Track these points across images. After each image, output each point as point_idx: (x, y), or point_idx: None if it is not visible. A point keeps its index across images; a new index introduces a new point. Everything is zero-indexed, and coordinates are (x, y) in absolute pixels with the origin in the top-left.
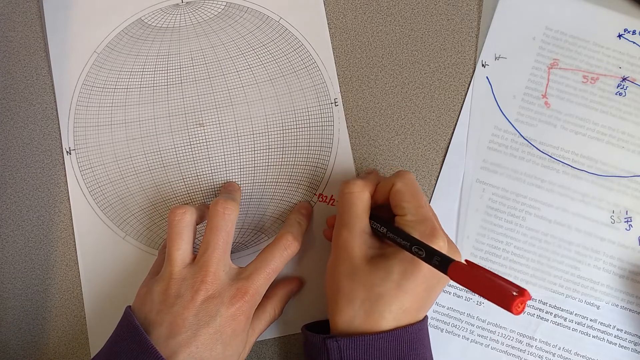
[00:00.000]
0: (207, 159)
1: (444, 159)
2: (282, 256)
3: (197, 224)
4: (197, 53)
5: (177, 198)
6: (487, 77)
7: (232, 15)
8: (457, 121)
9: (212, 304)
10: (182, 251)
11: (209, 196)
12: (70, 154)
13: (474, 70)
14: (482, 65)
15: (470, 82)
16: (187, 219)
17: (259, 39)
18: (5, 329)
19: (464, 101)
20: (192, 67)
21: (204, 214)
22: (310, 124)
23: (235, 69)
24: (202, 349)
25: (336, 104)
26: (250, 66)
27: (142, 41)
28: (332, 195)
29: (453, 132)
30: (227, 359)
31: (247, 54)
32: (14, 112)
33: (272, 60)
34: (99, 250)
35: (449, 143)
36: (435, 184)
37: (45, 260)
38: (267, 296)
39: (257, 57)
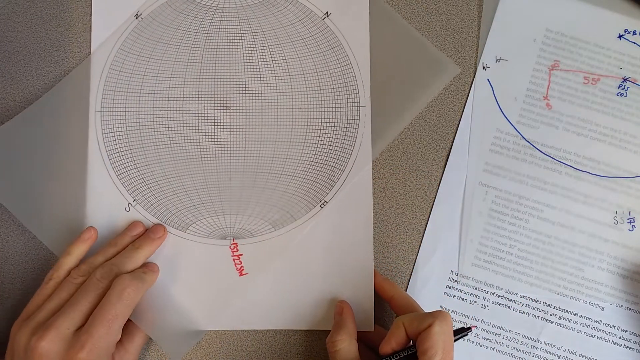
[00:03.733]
0: (228, 142)
1: (446, 161)
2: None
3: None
4: (236, 36)
5: (193, 175)
6: (488, 80)
7: (276, 4)
8: (458, 123)
9: None
10: (70, 321)
11: (224, 179)
12: (97, 113)
13: (474, 73)
14: (483, 67)
15: (471, 84)
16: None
17: (300, 32)
18: (6, 329)
19: (465, 103)
20: (228, 49)
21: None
22: (336, 125)
23: (271, 58)
24: None
25: (364, 108)
26: (286, 58)
27: (184, 15)
28: None
29: (455, 135)
30: None
31: (284, 45)
32: (14, 113)
33: (309, 56)
34: (108, 216)
35: (451, 145)
36: (438, 188)
37: (45, 260)
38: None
39: (294, 49)
